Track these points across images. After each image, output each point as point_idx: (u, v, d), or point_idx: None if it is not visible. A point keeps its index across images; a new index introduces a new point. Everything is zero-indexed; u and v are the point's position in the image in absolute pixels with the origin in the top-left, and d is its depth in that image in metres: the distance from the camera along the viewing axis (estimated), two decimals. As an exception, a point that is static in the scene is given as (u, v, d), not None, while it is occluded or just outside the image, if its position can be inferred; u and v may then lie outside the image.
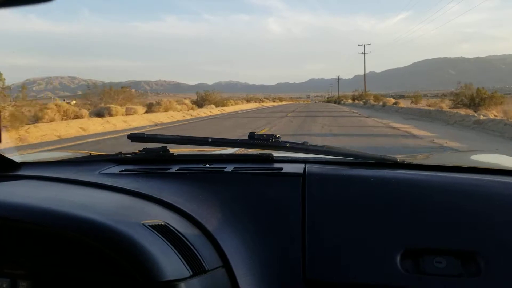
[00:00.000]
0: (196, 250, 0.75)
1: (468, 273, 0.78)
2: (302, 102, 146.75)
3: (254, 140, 1.11)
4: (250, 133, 1.13)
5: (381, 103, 40.65)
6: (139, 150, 1.28)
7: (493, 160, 1.58)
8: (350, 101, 70.69)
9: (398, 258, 0.80)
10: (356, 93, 77.25)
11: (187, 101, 32.06)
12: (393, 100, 41.20)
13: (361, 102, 54.28)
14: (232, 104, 45.36)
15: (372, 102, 47.07)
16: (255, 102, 73.66)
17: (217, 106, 36.05)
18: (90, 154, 1.42)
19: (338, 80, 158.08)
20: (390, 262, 0.80)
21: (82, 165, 1.26)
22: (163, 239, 0.73)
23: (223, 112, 31.66)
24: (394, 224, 0.86)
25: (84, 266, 0.76)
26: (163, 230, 0.76)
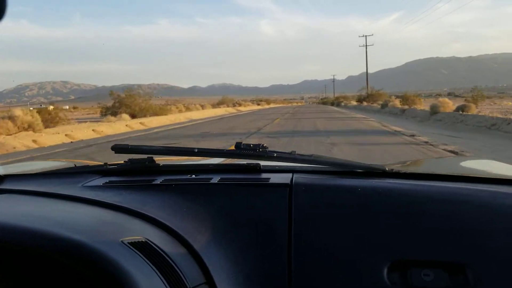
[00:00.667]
0: (178, 268, 0.74)
1: (456, 286, 0.77)
2: (294, 104, 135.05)
3: (240, 150, 1.11)
4: (237, 142, 1.12)
5: (420, 107, 25.78)
6: (124, 161, 1.25)
7: (484, 167, 1.54)
8: (354, 102, 56.76)
9: (385, 270, 0.80)
10: (364, 92, 56.94)
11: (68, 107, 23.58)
12: (449, 102, 21.05)
13: (375, 105, 39.49)
14: (180, 111, 33.80)
15: (397, 105, 30.29)
16: (228, 106, 55.52)
17: (143, 115, 26.33)
18: (75, 165, 1.38)
19: (334, 80, 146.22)
20: (377, 274, 0.79)
21: (66, 177, 1.25)
22: (143, 257, 0.72)
23: (128, 130, 19.31)
24: (381, 235, 0.86)
25: (61, 286, 0.74)
26: (143, 248, 0.74)
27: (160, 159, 1.25)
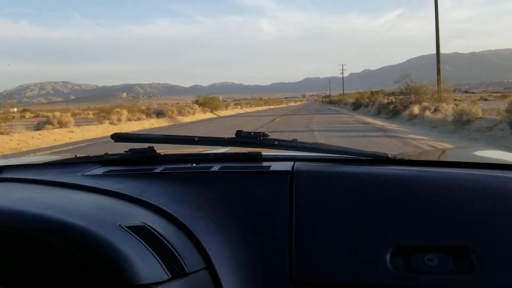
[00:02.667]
0: (177, 252, 0.73)
1: (460, 271, 0.76)
2: (294, 103, 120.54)
3: (241, 138, 1.10)
4: (237, 131, 1.11)
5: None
6: (125, 151, 1.26)
7: (489, 155, 1.54)
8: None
9: (388, 256, 0.79)
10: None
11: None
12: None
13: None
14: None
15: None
16: (204, 111, 35.95)
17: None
18: (76, 156, 1.38)
19: (342, 71, 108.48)
20: (380, 260, 0.79)
21: (66, 167, 1.26)
22: (141, 241, 0.71)
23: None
24: (384, 221, 0.85)
25: (58, 269, 0.74)
26: (142, 232, 0.74)
27: (160, 151, 1.26)
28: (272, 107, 77.46)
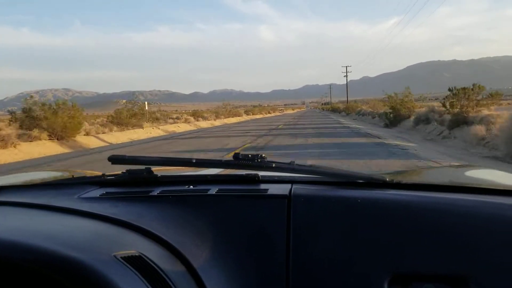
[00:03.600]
0: (172, 282, 0.73)
1: None
2: (291, 111, 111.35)
3: (239, 160, 1.09)
4: (235, 153, 1.11)
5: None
6: (122, 172, 1.24)
7: (487, 177, 1.52)
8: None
9: (386, 284, 0.78)
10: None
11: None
12: None
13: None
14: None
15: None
16: (157, 125, 26.76)
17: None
18: (73, 176, 1.37)
19: (347, 72, 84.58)
20: (377, 287, 0.79)
21: (63, 188, 1.24)
22: (136, 272, 0.70)
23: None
24: (382, 247, 0.84)
25: None
26: (137, 262, 0.73)
27: (158, 170, 1.24)
28: (258, 116, 60.60)
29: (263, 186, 1.10)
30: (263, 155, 1.09)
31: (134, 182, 1.21)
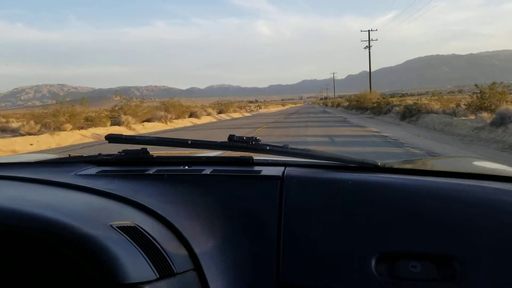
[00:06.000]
0: (166, 253, 0.75)
1: (443, 278, 0.78)
2: (288, 106, 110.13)
3: (233, 142, 1.11)
4: (230, 135, 1.13)
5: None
6: (119, 152, 1.27)
7: (477, 165, 1.54)
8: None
9: (373, 262, 0.80)
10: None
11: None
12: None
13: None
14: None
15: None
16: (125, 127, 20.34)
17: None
18: (69, 155, 1.40)
19: (369, 40, 78.83)
20: (365, 266, 0.80)
21: (60, 166, 1.28)
22: (130, 241, 0.73)
23: None
24: (370, 227, 0.86)
25: (48, 268, 0.75)
26: (132, 232, 0.75)
27: (153, 152, 1.28)
28: (236, 115, 44.71)
29: (257, 168, 1.11)
30: (258, 137, 1.10)
31: (130, 162, 1.24)
